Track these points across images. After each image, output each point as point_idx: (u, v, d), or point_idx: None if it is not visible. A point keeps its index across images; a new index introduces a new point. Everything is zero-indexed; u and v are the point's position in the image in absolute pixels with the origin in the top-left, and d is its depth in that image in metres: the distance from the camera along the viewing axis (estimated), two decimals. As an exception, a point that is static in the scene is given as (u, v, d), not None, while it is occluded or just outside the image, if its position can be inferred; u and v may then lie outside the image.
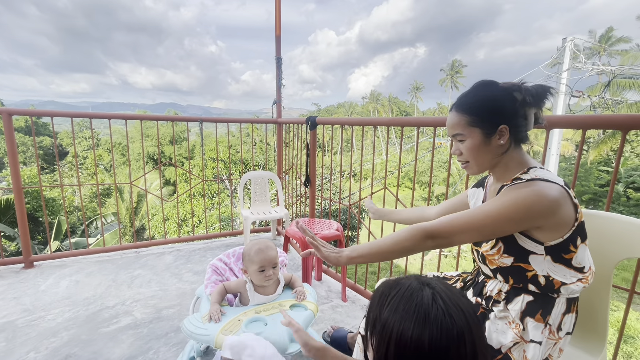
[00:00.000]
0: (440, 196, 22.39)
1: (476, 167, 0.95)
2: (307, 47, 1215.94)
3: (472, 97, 0.91)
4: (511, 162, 0.91)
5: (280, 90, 3.39)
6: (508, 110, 0.87)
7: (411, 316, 0.55)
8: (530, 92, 0.85)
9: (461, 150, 0.95)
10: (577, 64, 9.08)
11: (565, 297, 0.87)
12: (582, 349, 1.00)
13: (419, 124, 1.87)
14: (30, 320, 1.85)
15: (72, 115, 2.57)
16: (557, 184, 0.82)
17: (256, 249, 1.28)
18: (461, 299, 0.58)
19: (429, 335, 0.53)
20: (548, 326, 0.86)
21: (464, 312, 0.56)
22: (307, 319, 1.24)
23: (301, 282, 1.43)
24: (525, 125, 0.90)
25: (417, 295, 0.57)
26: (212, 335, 1.13)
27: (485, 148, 0.90)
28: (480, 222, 0.82)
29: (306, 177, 2.74)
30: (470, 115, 0.90)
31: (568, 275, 0.85)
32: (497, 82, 0.90)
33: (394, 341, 0.55)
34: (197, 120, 3.15)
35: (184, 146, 24.57)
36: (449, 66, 49.78)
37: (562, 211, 0.80)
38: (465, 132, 0.91)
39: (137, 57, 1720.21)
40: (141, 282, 2.34)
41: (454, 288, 0.61)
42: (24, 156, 25.43)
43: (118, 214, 3.16)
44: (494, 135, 0.89)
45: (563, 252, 0.84)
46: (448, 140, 9.11)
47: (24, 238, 2.50)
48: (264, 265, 1.27)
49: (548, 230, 0.82)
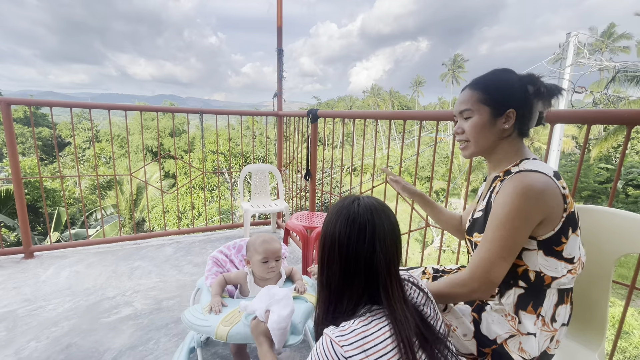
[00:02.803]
0: (440, 191, 22.43)
1: (475, 147, 0.95)
2: (309, 40, 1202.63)
3: (489, 77, 0.93)
4: (509, 150, 0.93)
5: (281, 82, 3.36)
6: (519, 96, 0.88)
7: (337, 217, 0.73)
8: (544, 84, 0.88)
9: (464, 128, 0.95)
10: (581, 60, 9.02)
11: (555, 289, 0.88)
12: (581, 343, 1.01)
13: (421, 118, 1.86)
14: (30, 310, 1.86)
15: (71, 105, 2.55)
16: (544, 174, 0.82)
17: (261, 240, 1.31)
18: (375, 204, 0.74)
19: (339, 226, 0.72)
20: (541, 317, 0.87)
21: (372, 210, 0.72)
22: (307, 311, 1.25)
23: (301, 276, 1.44)
24: (530, 119, 0.91)
25: (346, 205, 0.75)
26: (213, 326, 1.14)
27: (489, 128, 0.91)
28: (499, 252, 0.82)
29: (307, 170, 2.73)
30: (483, 93, 0.91)
31: (560, 268, 0.85)
32: (514, 71, 0.92)
33: (328, 239, 0.74)
34: (197, 112, 3.13)
35: (184, 138, 24.50)
36: (451, 61, 49.40)
37: (549, 201, 0.80)
38: (474, 108, 0.92)
39: (136, 48, 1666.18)
40: (141, 273, 2.35)
41: (379, 201, 0.76)
42: (23, 147, 25.33)
43: (118, 205, 3.15)
44: (500, 117, 0.90)
45: (554, 244, 0.84)
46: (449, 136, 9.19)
47: (24, 228, 2.50)
48: (268, 257, 1.29)
49: (540, 224, 0.82)
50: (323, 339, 0.67)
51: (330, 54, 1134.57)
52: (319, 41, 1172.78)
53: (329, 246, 0.74)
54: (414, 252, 14.17)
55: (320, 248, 0.77)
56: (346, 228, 0.71)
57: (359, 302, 0.72)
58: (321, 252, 0.77)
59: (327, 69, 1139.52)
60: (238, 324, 1.14)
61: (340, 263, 0.72)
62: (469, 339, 0.92)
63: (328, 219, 0.76)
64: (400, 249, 0.76)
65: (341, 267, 0.72)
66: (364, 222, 0.71)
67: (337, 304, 0.74)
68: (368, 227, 0.70)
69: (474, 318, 0.94)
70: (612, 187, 1.14)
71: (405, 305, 0.70)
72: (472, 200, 20.55)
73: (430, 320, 0.75)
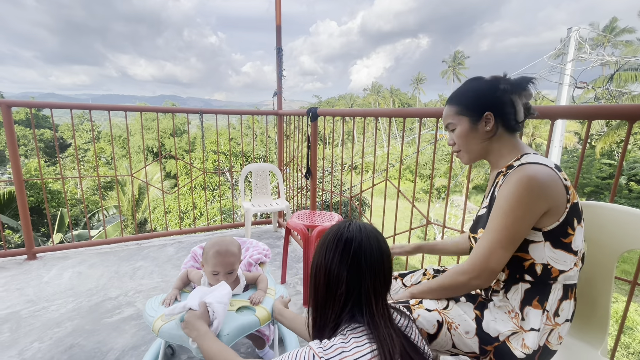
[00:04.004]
0: (441, 188, 22.38)
1: (467, 154, 1.01)
2: (308, 38, 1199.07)
3: (460, 90, 1.01)
4: (504, 149, 0.96)
5: (281, 81, 3.36)
6: (491, 98, 0.93)
7: (327, 233, 0.78)
8: (509, 80, 0.93)
9: (454, 139, 1.02)
10: (582, 55, 8.96)
11: (561, 283, 0.88)
12: (583, 340, 1.00)
13: (421, 115, 1.85)
14: (34, 310, 1.87)
15: (71, 106, 2.55)
16: (546, 165, 0.84)
17: (215, 250, 1.20)
18: (367, 227, 0.78)
19: (328, 240, 0.76)
20: (546, 312, 0.87)
21: (360, 228, 0.76)
22: (246, 326, 1.12)
23: (266, 286, 1.32)
24: (514, 114, 0.93)
25: (340, 230, 0.77)
26: (154, 318, 1.12)
27: (472, 134, 0.97)
28: (500, 240, 0.84)
29: (307, 170, 2.73)
30: (458, 105, 0.98)
31: (569, 261, 0.86)
32: (483, 77, 0.99)
33: (316, 253, 0.78)
34: (197, 112, 3.13)
35: (185, 139, 24.52)
36: (451, 57, 49.22)
37: (552, 192, 0.82)
38: (455, 121, 0.99)
39: (136, 48, 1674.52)
40: (143, 273, 2.35)
41: (371, 225, 0.80)
42: (25, 149, 25.43)
43: (119, 206, 3.16)
44: (479, 122, 0.95)
45: (562, 236, 0.84)
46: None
47: (26, 230, 2.51)
48: (218, 270, 1.20)
49: (545, 215, 0.83)
50: (306, 349, 0.70)
51: (330, 52, 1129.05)
52: (319, 39, 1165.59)
53: (316, 259, 0.78)
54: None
55: (312, 262, 0.81)
56: (333, 243, 0.75)
57: (340, 316, 0.73)
58: (311, 264, 0.81)
59: (327, 67, 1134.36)
60: (171, 322, 1.10)
61: (325, 275, 0.75)
62: (471, 336, 0.92)
63: (322, 238, 0.80)
64: (389, 272, 0.77)
65: (325, 279, 0.75)
66: (350, 237, 0.74)
67: (322, 315, 0.76)
68: (354, 243, 0.73)
69: (476, 315, 0.94)
70: (614, 183, 1.14)
71: (390, 324, 0.72)
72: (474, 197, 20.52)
73: (416, 342, 0.76)
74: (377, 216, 2.40)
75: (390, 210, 2.64)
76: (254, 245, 1.64)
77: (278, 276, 2.35)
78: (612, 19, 25.19)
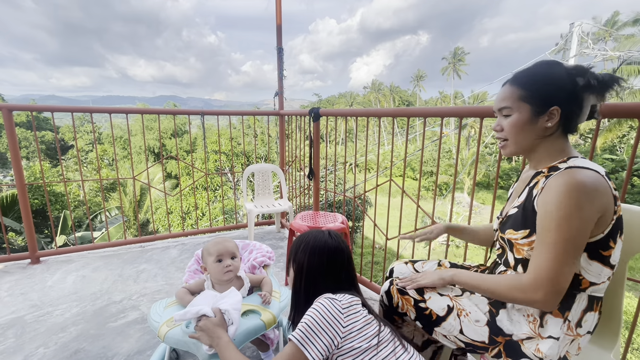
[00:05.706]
0: (442, 185, 22.33)
1: (514, 146, 0.89)
2: (308, 36, 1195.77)
3: (530, 72, 0.86)
4: (552, 149, 0.86)
5: (282, 81, 3.34)
6: (565, 92, 0.81)
7: (313, 248, 1.00)
8: (595, 76, 0.80)
9: (503, 126, 0.90)
10: (585, 50, 8.90)
11: (587, 294, 0.83)
12: (595, 343, 0.98)
13: (425, 115, 1.83)
14: (38, 315, 1.87)
15: (72, 110, 2.53)
16: (596, 171, 0.77)
17: (213, 242, 1.28)
18: (332, 231, 1.06)
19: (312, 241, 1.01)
20: (567, 322, 0.82)
21: (337, 239, 1.03)
22: (252, 330, 1.11)
23: (271, 289, 1.32)
24: (579, 115, 0.84)
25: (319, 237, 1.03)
26: (159, 323, 1.12)
27: (529, 127, 0.85)
28: (564, 256, 0.75)
29: (310, 170, 2.72)
30: (524, 90, 0.85)
31: (603, 274, 0.80)
32: (562, 63, 0.85)
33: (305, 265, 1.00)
34: (198, 114, 3.12)
35: (186, 139, 24.52)
36: (452, 54, 49.01)
37: (603, 200, 0.75)
38: (514, 106, 0.86)
39: (135, 49, 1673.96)
40: (147, 276, 2.35)
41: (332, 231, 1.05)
42: (27, 151, 25.49)
43: (122, 208, 3.16)
44: (542, 116, 0.83)
45: (602, 248, 0.79)
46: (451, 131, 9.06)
47: (29, 234, 2.50)
48: (221, 254, 1.22)
49: (595, 224, 0.76)
50: (320, 300, 0.85)
51: (330, 50, 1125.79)
52: (318, 37, 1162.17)
53: (301, 259, 1.01)
54: (417, 248, 14.14)
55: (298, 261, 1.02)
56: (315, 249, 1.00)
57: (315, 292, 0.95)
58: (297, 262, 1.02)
59: (327, 66, 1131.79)
60: (177, 327, 1.09)
61: (303, 269, 1.00)
62: (481, 325, 0.89)
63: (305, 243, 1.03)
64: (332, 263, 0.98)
65: (303, 271, 1.00)
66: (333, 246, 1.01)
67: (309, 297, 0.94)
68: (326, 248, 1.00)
69: (489, 309, 0.90)
70: (624, 184, 1.11)
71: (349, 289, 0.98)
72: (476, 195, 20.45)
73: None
74: (381, 216, 2.38)
75: (394, 209, 2.62)
76: (258, 248, 1.63)
77: (281, 277, 2.34)
78: (614, 12, 24.99)
